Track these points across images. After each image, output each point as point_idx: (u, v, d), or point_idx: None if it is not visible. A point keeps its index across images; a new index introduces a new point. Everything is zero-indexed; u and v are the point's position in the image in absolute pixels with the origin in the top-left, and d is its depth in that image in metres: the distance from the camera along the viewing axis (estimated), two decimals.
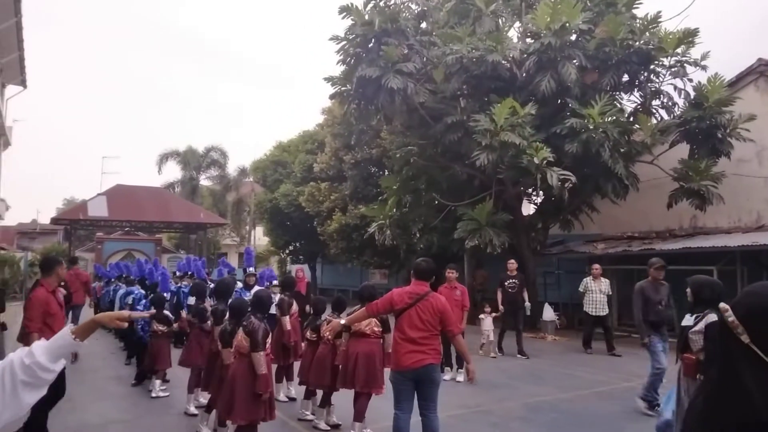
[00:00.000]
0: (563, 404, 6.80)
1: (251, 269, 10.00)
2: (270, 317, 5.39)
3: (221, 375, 4.92)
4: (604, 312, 10.70)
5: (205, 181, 35.28)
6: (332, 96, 14.34)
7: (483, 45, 11.91)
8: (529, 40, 12.97)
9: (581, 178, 11.65)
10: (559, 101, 12.54)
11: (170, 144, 71.06)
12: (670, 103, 12.75)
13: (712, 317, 3.69)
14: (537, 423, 6.07)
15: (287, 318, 6.72)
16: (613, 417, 6.28)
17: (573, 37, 12.16)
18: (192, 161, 33.25)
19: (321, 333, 5.53)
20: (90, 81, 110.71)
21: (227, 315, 5.10)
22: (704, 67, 11.97)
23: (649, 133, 11.70)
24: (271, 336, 4.77)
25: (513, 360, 9.73)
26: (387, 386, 4.88)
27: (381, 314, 4.77)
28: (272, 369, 4.81)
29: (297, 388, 6.56)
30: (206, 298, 6.83)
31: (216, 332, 5.38)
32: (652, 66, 12.13)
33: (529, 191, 14.31)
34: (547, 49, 11.63)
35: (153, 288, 8.61)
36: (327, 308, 6.15)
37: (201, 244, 28.93)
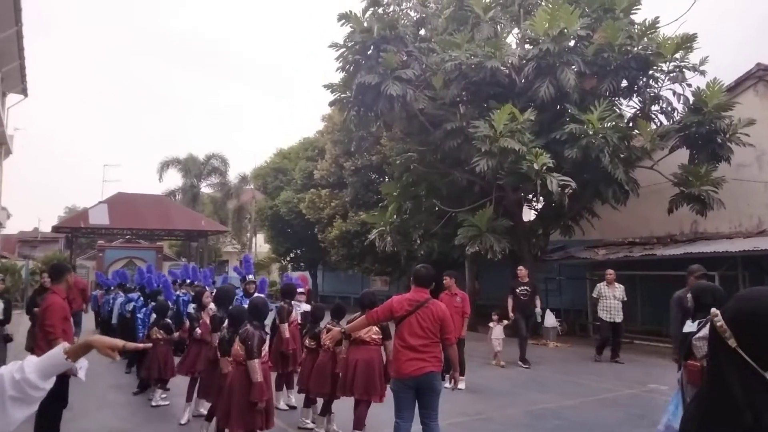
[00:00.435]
0: (566, 411, 6.75)
1: (251, 276, 9.97)
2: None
3: (220, 383, 4.90)
4: (620, 318, 10.33)
5: (206, 189, 35.37)
6: (332, 103, 14.37)
7: (482, 51, 11.95)
8: (528, 46, 13.01)
9: (581, 184, 11.64)
10: (558, 107, 12.56)
11: (171, 151, 71.19)
12: (670, 109, 12.78)
13: None
14: (539, 430, 6.04)
15: (286, 326, 6.69)
16: (617, 424, 6.24)
17: (571, 43, 12.21)
18: (193, 169, 33.32)
19: (321, 341, 5.50)
20: (90, 88, 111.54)
21: (225, 323, 5.08)
22: (703, 72, 12.03)
23: (649, 139, 11.71)
24: (269, 343, 4.75)
25: (515, 367, 9.64)
26: (387, 394, 4.85)
27: (381, 322, 4.75)
28: (270, 377, 4.77)
29: (297, 396, 6.53)
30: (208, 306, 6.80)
31: (214, 339, 5.36)
32: (651, 71, 12.16)
33: (530, 197, 14.29)
34: (546, 55, 11.67)
35: (153, 296, 8.59)
36: (326, 315, 6.13)
37: (202, 252, 28.92)
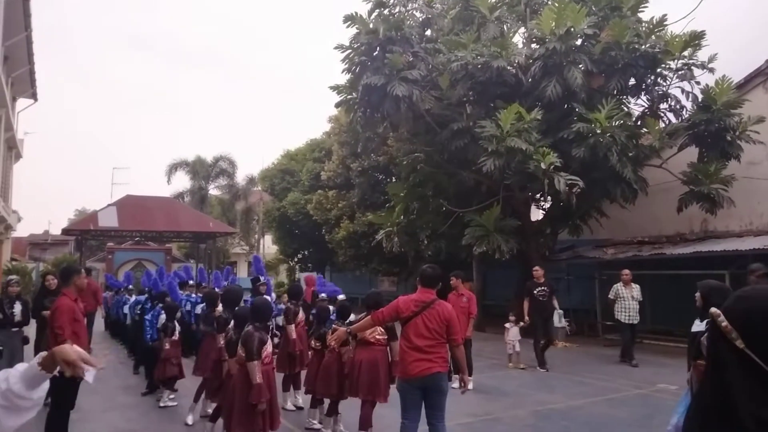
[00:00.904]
0: (574, 412, 6.71)
1: (263, 278, 9.88)
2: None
3: (227, 384, 4.91)
4: (637, 319, 10.17)
5: (214, 191, 35.51)
6: (338, 104, 14.39)
7: (488, 51, 11.91)
8: (534, 46, 12.95)
9: (589, 183, 11.57)
10: (566, 106, 12.49)
11: (179, 154, 71.55)
12: (678, 106, 12.69)
13: None
14: (547, 431, 6.00)
15: (293, 327, 6.70)
16: (625, 424, 6.19)
17: (578, 42, 12.13)
18: (201, 171, 33.49)
19: (326, 341, 5.50)
20: (99, 92, 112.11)
21: (231, 323, 5.09)
22: (711, 70, 11.92)
23: (657, 137, 11.63)
24: (272, 344, 4.74)
25: (528, 368, 9.43)
26: (393, 394, 4.84)
27: (386, 322, 4.73)
28: (272, 378, 4.76)
29: (304, 397, 6.54)
30: (217, 307, 6.82)
31: (220, 340, 5.38)
32: (659, 69, 12.06)
33: (537, 196, 14.24)
34: (553, 54, 11.60)
35: (159, 297, 8.63)
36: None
37: (210, 253, 29.05)
